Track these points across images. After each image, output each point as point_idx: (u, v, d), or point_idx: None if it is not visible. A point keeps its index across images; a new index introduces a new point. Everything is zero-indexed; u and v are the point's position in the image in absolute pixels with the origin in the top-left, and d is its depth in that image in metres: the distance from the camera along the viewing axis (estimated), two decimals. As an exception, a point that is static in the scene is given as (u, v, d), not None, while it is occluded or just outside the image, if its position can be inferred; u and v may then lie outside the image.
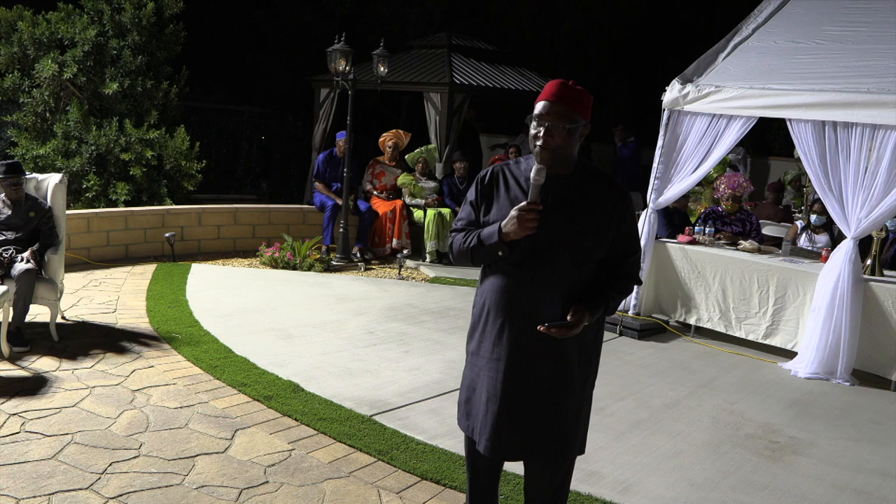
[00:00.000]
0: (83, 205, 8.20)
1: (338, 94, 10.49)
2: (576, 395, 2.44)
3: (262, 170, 14.02)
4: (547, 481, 2.58)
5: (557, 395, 2.40)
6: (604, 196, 2.38)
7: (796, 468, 3.76)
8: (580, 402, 2.48)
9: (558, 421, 2.41)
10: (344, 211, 7.91)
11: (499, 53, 11.80)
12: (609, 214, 2.37)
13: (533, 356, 2.37)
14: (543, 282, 2.33)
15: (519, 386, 2.39)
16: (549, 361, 2.37)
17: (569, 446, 2.47)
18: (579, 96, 2.31)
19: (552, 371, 2.38)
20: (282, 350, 4.94)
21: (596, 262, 2.40)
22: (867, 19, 5.75)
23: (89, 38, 8.20)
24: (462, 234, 2.47)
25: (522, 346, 2.37)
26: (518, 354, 2.38)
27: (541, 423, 2.41)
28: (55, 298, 4.79)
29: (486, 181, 2.47)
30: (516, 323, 2.37)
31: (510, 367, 2.38)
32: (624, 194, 2.41)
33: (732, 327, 5.84)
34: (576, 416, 2.47)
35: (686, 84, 5.84)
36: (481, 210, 2.46)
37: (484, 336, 2.45)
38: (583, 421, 2.53)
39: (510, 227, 2.27)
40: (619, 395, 4.59)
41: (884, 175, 4.94)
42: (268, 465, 3.36)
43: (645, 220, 6.14)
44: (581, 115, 2.31)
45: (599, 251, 2.38)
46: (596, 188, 2.39)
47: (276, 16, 14.96)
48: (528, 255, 2.33)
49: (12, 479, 3.07)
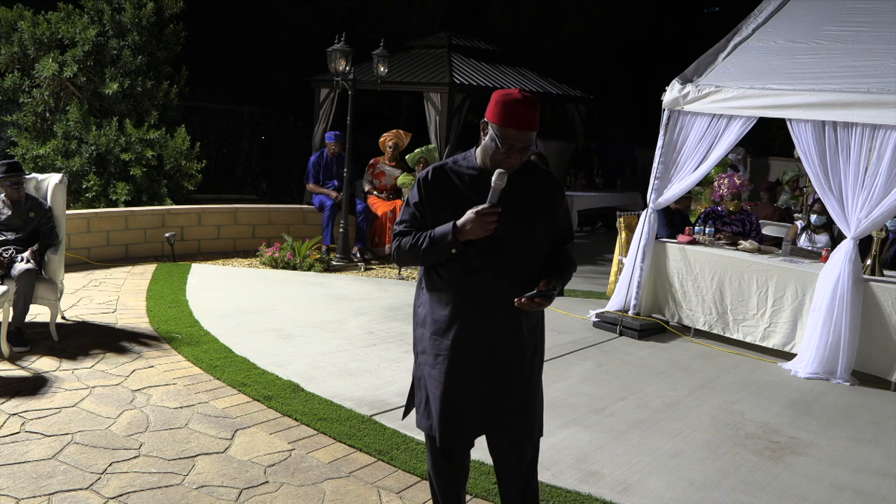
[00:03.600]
0: (83, 205, 8.20)
1: (338, 94, 10.49)
2: (524, 372, 2.53)
3: (261, 170, 14.01)
4: (514, 466, 2.63)
5: (507, 371, 2.49)
6: (544, 189, 2.51)
7: (796, 468, 3.76)
8: (528, 380, 2.55)
9: (508, 392, 2.50)
10: (344, 211, 7.92)
11: (499, 53, 11.79)
12: (552, 205, 2.51)
13: (482, 340, 2.46)
14: (494, 273, 2.42)
15: (468, 370, 2.47)
16: (498, 344, 2.47)
17: (523, 417, 2.53)
18: (538, 114, 2.39)
19: (501, 352, 2.47)
20: (282, 350, 4.94)
21: (544, 250, 2.51)
22: (867, 19, 5.75)
23: (89, 37, 8.20)
24: (409, 236, 2.48)
25: (472, 333, 2.45)
26: (468, 342, 2.45)
27: (489, 397, 2.49)
28: (55, 298, 4.79)
29: (430, 182, 2.47)
30: (467, 314, 2.45)
31: (460, 354, 2.46)
32: (559, 185, 2.57)
33: (730, 329, 5.83)
34: (527, 390, 2.53)
35: (686, 84, 5.84)
36: (427, 211, 2.47)
37: (426, 330, 2.53)
38: (538, 401, 2.60)
39: (469, 228, 2.32)
40: (619, 395, 4.59)
41: (884, 175, 4.94)
42: (268, 465, 3.36)
43: (645, 220, 6.14)
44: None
45: (547, 241, 2.51)
46: (536, 182, 2.50)
47: (276, 16, 14.94)
48: (480, 250, 2.41)
49: (12, 479, 3.07)
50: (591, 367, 5.14)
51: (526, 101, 2.33)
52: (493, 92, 2.40)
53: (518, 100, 2.32)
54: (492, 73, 10.84)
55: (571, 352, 5.44)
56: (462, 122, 10.28)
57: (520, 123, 2.32)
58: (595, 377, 4.93)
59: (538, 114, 2.38)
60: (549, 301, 2.36)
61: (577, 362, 5.22)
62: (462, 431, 2.53)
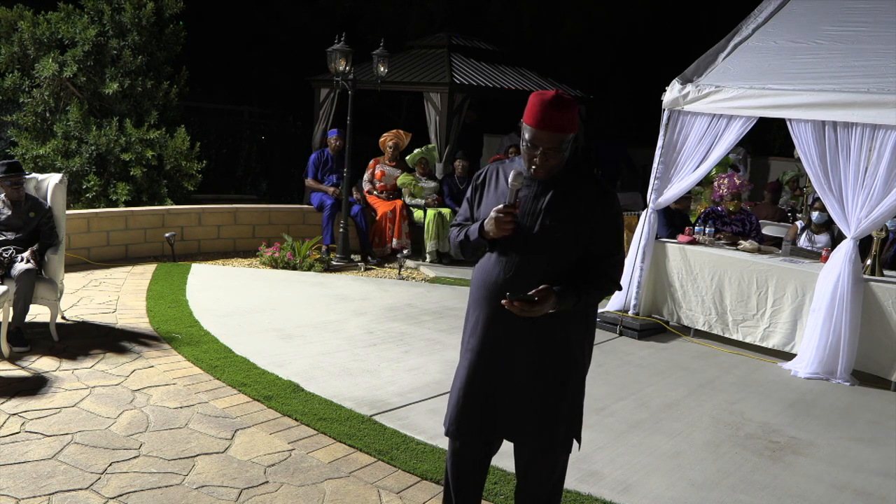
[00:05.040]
0: (83, 205, 8.20)
1: (338, 94, 10.50)
2: (546, 381, 2.46)
3: (261, 170, 14.01)
4: (533, 479, 2.59)
5: (527, 378, 2.46)
6: (583, 194, 2.42)
7: (796, 468, 3.76)
8: (550, 390, 2.46)
9: (525, 400, 2.46)
10: (344, 211, 7.91)
11: (499, 53, 11.79)
12: (586, 211, 2.40)
13: (505, 344, 2.46)
14: (519, 276, 2.41)
15: (487, 370, 2.49)
16: (522, 350, 2.44)
17: (540, 428, 2.47)
18: (568, 117, 2.32)
19: (522, 360, 2.45)
20: (282, 350, 4.94)
21: (571, 258, 2.43)
22: (867, 19, 5.75)
23: (89, 37, 8.20)
24: (457, 228, 2.63)
25: (496, 335, 2.47)
26: (491, 343, 2.48)
27: (507, 402, 2.48)
28: (55, 298, 4.79)
29: (479, 179, 2.60)
30: (491, 314, 2.47)
31: (482, 354, 2.49)
32: (605, 193, 2.43)
33: (729, 329, 5.83)
34: (546, 399, 2.47)
35: (686, 84, 5.84)
36: (475, 206, 2.60)
37: (466, 329, 2.60)
38: (562, 415, 2.50)
39: (489, 227, 2.40)
40: (619, 395, 4.59)
41: (884, 175, 4.94)
42: (268, 465, 3.36)
43: (645, 220, 6.14)
44: (571, 132, 2.35)
45: (574, 247, 2.41)
46: (577, 187, 2.43)
47: (276, 16, 14.95)
48: (507, 251, 2.44)
49: (12, 479, 3.07)
50: (591, 367, 5.12)
51: (554, 100, 2.30)
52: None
53: (546, 99, 2.31)
54: (492, 73, 10.85)
55: (571, 352, 5.43)
56: (462, 122, 10.29)
57: (542, 122, 2.30)
58: (595, 377, 4.91)
59: (569, 116, 2.32)
60: (532, 308, 2.29)
61: (577, 362, 5.21)
62: (472, 428, 2.52)
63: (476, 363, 2.50)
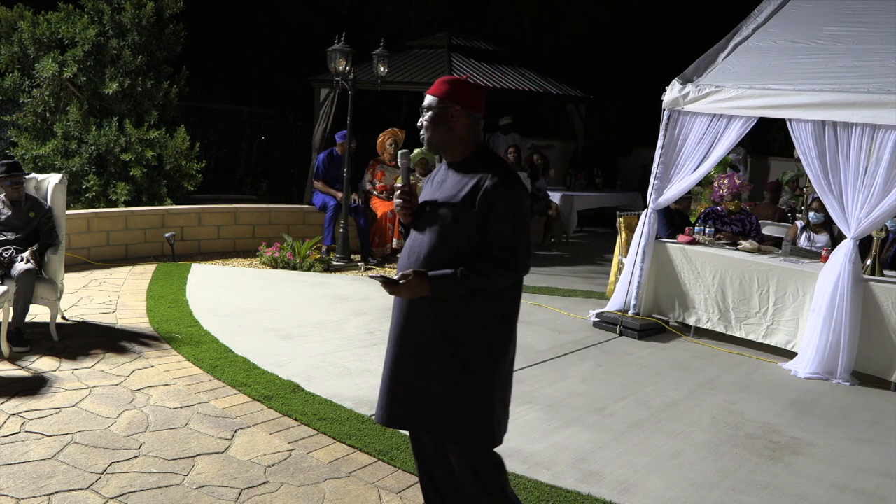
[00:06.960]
0: (83, 205, 8.20)
1: (338, 94, 10.49)
2: (443, 368, 2.44)
3: (261, 170, 14.01)
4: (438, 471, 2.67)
5: (427, 364, 2.48)
6: (478, 179, 2.41)
7: (796, 468, 3.76)
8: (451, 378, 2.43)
9: (426, 386, 2.49)
10: (344, 211, 7.91)
11: (499, 53, 11.79)
12: (481, 196, 2.37)
13: (405, 332, 2.52)
14: (414, 258, 2.49)
15: (398, 358, 2.55)
16: (420, 335, 2.49)
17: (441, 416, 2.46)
18: (454, 88, 2.47)
19: (419, 349, 2.50)
20: (282, 350, 4.94)
21: (462, 242, 2.41)
22: (867, 19, 5.75)
23: (89, 37, 8.21)
24: None
25: (398, 322, 2.56)
26: (394, 330, 2.57)
27: (416, 393, 2.52)
28: (55, 298, 4.79)
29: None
30: (395, 302, 2.58)
31: (390, 342, 2.59)
32: (502, 182, 2.37)
33: (732, 327, 5.84)
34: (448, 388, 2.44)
35: (686, 84, 5.84)
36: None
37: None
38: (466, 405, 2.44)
39: (396, 210, 2.57)
40: (619, 395, 4.60)
41: (883, 175, 4.94)
42: (268, 465, 3.36)
43: (645, 221, 6.14)
44: (455, 102, 2.45)
45: (460, 229, 2.40)
46: (479, 172, 2.44)
47: (276, 16, 14.95)
48: (409, 234, 2.58)
49: (12, 479, 3.07)
50: (591, 367, 5.14)
51: (451, 77, 2.54)
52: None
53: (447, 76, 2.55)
54: (492, 73, 10.84)
55: (571, 352, 5.44)
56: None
57: (430, 89, 2.51)
58: (595, 377, 4.93)
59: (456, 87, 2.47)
60: (397, 289, 2.38)
61: (577, 362, 5.22)
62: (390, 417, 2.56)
63: (387, 352, 2.60)
